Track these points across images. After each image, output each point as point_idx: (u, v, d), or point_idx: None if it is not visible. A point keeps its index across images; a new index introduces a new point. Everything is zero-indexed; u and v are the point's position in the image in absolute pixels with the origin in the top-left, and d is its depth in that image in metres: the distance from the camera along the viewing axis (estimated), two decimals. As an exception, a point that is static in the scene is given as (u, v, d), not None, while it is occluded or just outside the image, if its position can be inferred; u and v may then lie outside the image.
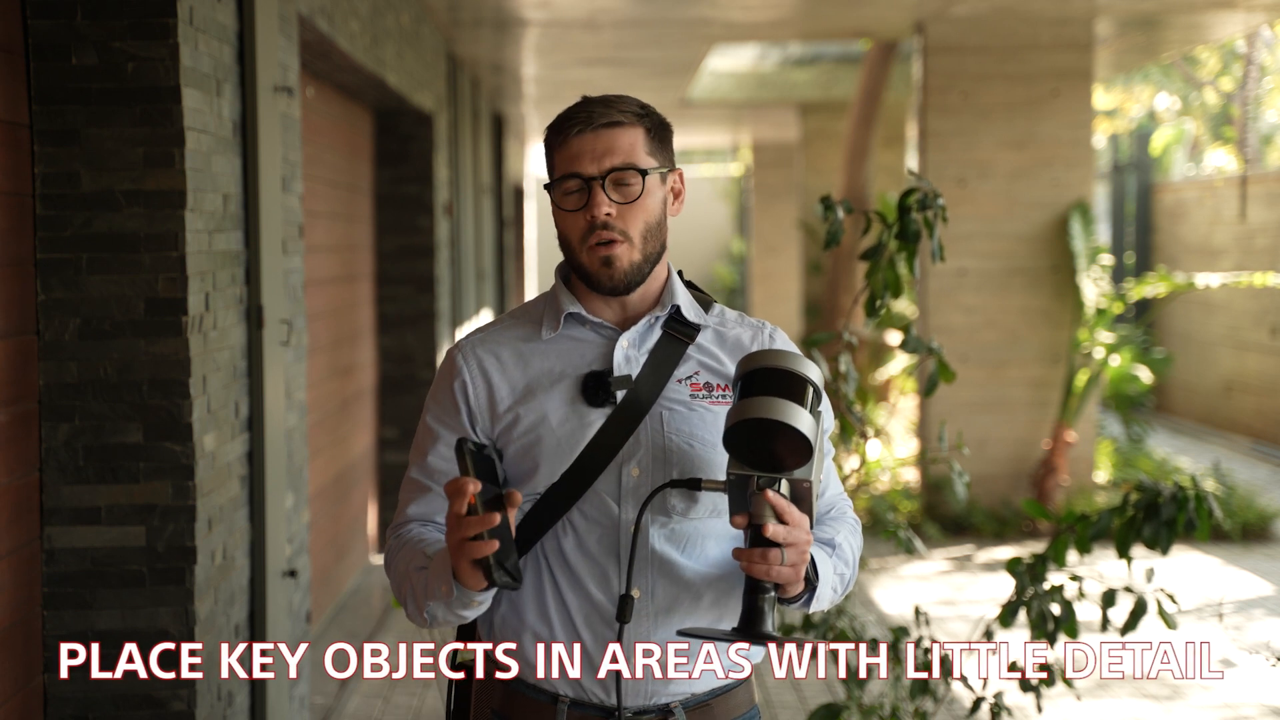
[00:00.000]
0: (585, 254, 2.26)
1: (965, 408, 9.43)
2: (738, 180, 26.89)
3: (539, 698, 2.28)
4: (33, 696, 3.66)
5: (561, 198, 2.27)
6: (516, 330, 2.34)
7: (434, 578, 2.16)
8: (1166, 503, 3.86)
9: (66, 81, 3.69)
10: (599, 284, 2.27)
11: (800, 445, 2.05)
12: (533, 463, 2.25)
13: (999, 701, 4.07)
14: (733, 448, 2.09)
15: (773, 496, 2.07)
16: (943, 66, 9.57)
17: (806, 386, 2.09)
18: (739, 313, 2.41)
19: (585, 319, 2.31)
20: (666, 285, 2.34)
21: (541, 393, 2.27)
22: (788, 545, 2.07)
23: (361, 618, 7.42)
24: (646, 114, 2.29)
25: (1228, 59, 19.46)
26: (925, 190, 3.82)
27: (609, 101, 2.28)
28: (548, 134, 2.30)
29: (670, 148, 2.34)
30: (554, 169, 2.28)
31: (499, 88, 13.34)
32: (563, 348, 2.30)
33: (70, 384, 3.72)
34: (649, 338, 2.31)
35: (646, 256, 2.27)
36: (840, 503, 2.41)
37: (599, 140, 2.24)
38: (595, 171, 2.23)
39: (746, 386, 2.10)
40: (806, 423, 2.05)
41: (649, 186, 2.26)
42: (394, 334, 8.99)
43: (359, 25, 6.49)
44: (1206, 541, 5.91)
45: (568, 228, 2.27)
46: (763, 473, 2.08)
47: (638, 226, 2.25)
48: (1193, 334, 14.66)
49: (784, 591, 2.15)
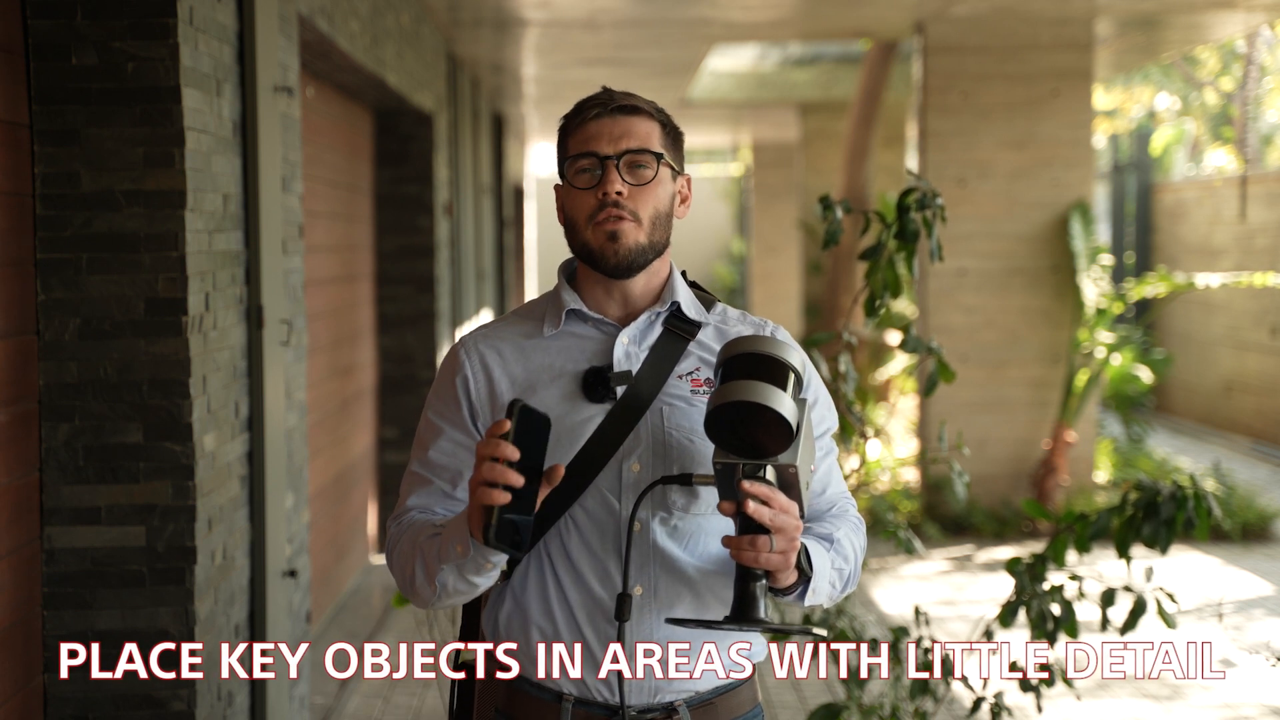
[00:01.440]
0: (590, 230, 2.26)
1: (965, 408, 9.43)
2: (738, 180, 26.89)
3: (543, 696, 2.29)
4: (33, 696, 3.67)
5: (574, 176, 2.27)
6: (519, 327, 2.34)
7: (447, 539, 2.14)
8: (1166, 502, 3.86)
9: (66, 81, 3.69)
10: (602, 260, 2.26)
11: (780, 428, 2.05)
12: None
13: (999, 701, 4.07)
14: (715, 434, 2.08)
15: (751, 484, 2.06)
16: (943, 66, 9.57)
17: (787, 371, 2.09)
18: (741, 311, 2.41)
19: (586, 315, 2.31)
20: (668, 282, 2.35)
21: (542, 388, 2.27)
22: (775, 531, 2.07)
23: (361, 618, 7.42)
24: (662, 114, 2.32)
25: (1228, 59, 19.46)
26: (924, 190, 3.82)
27: (628, 93, 2.30)
28: (565, 119, 2.31)
29: (681, 153, 2.36)
30: (568, 150, 2.29)
31: (499, 88, 13.34)
32: (563, 344, 2.31)
33: (70, 384, 3.72)
34: (650, 334, 2.31)
35: (652, 243, 2.27)
36: (843, 501, 2.40)
37: (617, 124, 2.26)
38: (611, 151, 2.25)
39: (727, 372, 2.11)
40: (787, 405, 2.05)
41: (661, 175, 2.28)
42: (394, 334, 8.99)
43: (359, 25, 6.49)
44: (1206, 541, 5.91)
45: (576, 207, 2.27)
46: (747, 459, 2.08)
47: (647, 210, 2.26)
48: (1193, 334, 14.66)
49: (776, 581, 2.14)
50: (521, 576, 2.30)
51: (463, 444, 2.30)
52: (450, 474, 2.30)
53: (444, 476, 2.30)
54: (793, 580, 2.17)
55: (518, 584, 2.30)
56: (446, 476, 2.30)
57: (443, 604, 2.23)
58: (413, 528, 2.26)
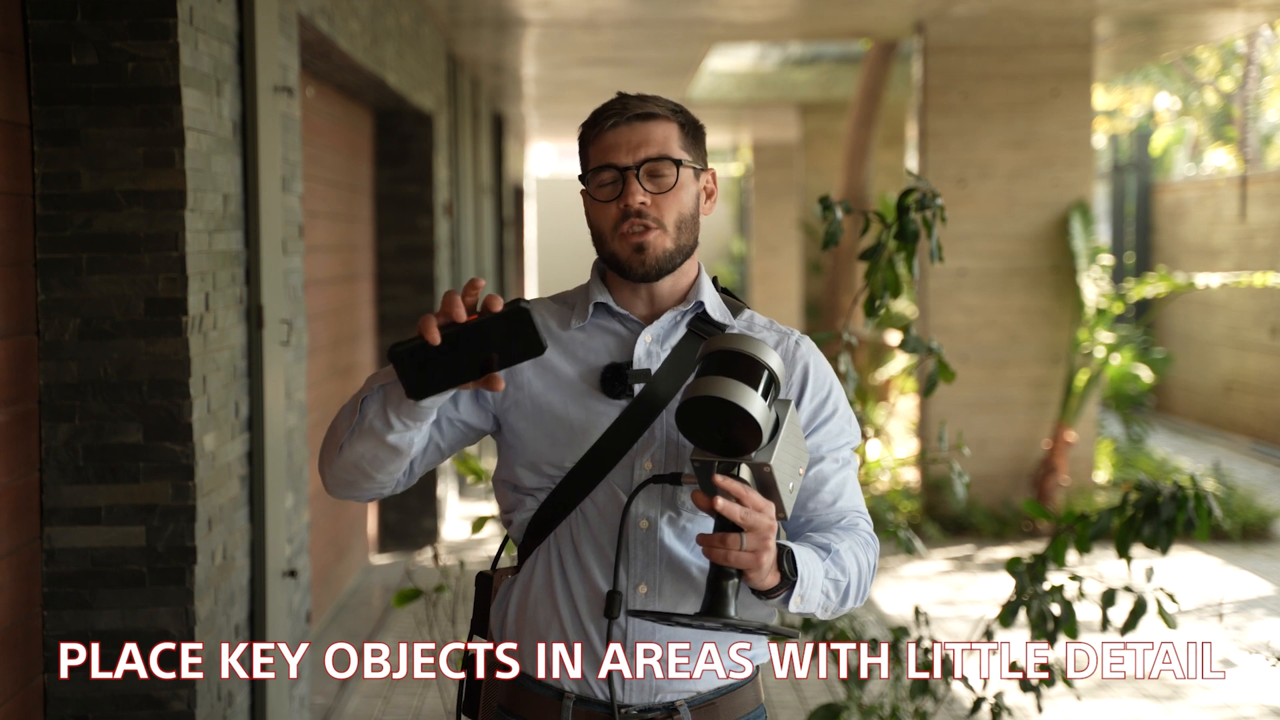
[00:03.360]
0: (617, 242, 2.27)
1: (965, 408, 9.43)
2: (738, 180, 26.89)
3: (545, 693, 2.29)
4: (33, 696, 3.67)
5: (596, 189, 2.28)
6: (554, 312, 2.36)
7: (379, 375, 2.17)
8: (1166, 502, 3.86)
9: (66, 81, 3.69)
10: (630, 270, 2.27)
11: (748, 425, 2.05)
12: (547, 443, 2.27)
13: (999, 701, 4.07)
14: (687, 429, 2.08)
15: (723, 480, 2.05)
16: (943, 66, 9.57)
17: (762, 370, 2.08)
18: (769, 320, 2.40)
19: (613, 310, 2.32)
20: (695, 283, 2.35)
21: (563, 378, 2.29)
22: (747, 529, 2.05)
23: (361, 618, 7.42)
24: (680, 111, 2.32)
25: (1228, 59, 19.45)
26: (924, 190, 3.82)
27: (644, 97, 2.31)
28: (583, 129, 2.32)
29: (703, 147, 2.35)
30: (588, 162, 2.30)
31: (499, 88, 13.34)
32: (588, 337, 2.32)
33: (70, 384, 3.72)
34: (673, 334, 2.32)
35: (679, 247, 2.28)
36: (854, 516, 2.33)
37: (634, 132, 2.26)
38: (630, 162, 2.25)
39: (703, 368, 2.11)
40: (756, 404, 2.04)
41: (683, 179, 2.28)
42: (394, 334, 8.99)
43: (359, 25, 6.49)
44: (1206, 541, 5.91)
45: (600, 219, 2.28)
46: (722, 457, 2.08)
47: (671, 216, 2.27)
48: (1193, 334, 14.66)
49: (751, 581, 2.11)
50: (530, 569, 2.31)
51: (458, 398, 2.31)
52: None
53: None
54: (772, 583, 2.13)
55: (526, 576, 2.31)
56: None
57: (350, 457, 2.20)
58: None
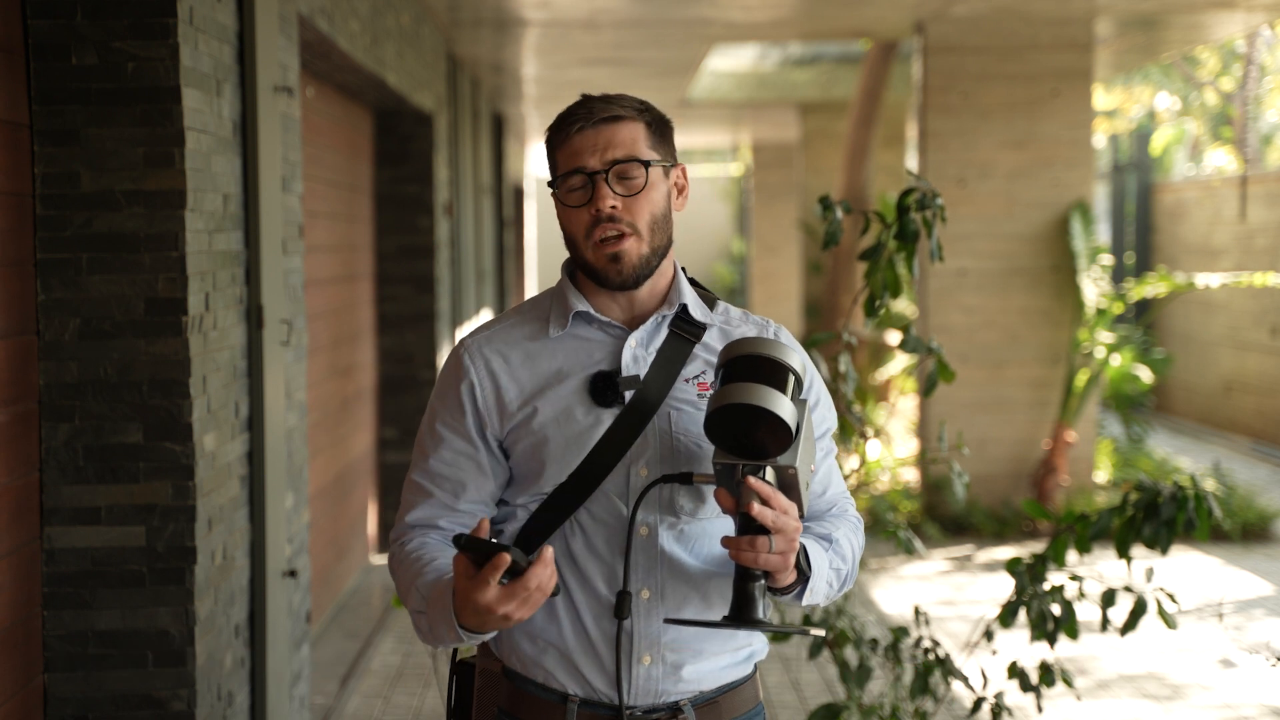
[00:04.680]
0: (591, 250, 2.25)
1: (965, 408, 9.43)
2: (738, 180, 26.89)
3: (548, 697, 2.28)
4: (33, 696, 3.66)
5: (566, 194, 2.26)
6: (523, 328, 2.32)
7: (438, 621, 2.14)
8: (1166, 502, 3.86)
9: (66, 81, 3.69)
10: (607, 280, 2.26)
11: (780, 430, 2.05)
12: (540, 462, 2.25)
13: (999, 701, 4.07)
14: (715, 435, 2.09)
15: (755, 483, 2.06)
16: (943, 66, 9.57)
17: (787, 373, 2.09)
18: (743, 310, 2.41)
19: (593, 318, 2.30)
20: (674, 283, 2.34)
21: (550, 392, 2.26)
22: (775, 531, 2.07)
23: (361, 618, 7.42)
24: (646, 109, 2.29)
25: (1228, 59, 19.45)
26: (924, 190, 3.82)
27: (609, 98, 2.28)
28: (549, 133, 2.30)
29: (671, 143, 2.33)
30: (556, 167, 2.28)
31: (499, 88, 13.34)
32: (570, 347, 2.29)
33: (70, 384, 3.72)
34: (656, 337, 2.30)
35: (654, 250, 2.27)
36: (842, 501, 2.40)
37: (600, 135, 2.24)
38: (598, 165, 2.23)
39: (727, 374, 2.11)
40: (786, 408, 2.05)
41: (652, 179, 2.26)
42: (394, 334, 8.99)
43: (359, 25, 6.49)
44: (1206, 541, 5.91)
45: (572, 224, 2.26)
46: (747, 460, 2.08)
47: (644, 218, 2.25)
48: (1193, 334, 14.66)
49: (775, 581, 2.14)
50: None
51: (465, 453, 2.28)
52: (452, 484, 2.28)
53: (446, 487, 2.28)
54: (791, 580, 2.17)
55: None
56: (448, 487, 2.28)
57: None
58: (411, 566, 2.24)
